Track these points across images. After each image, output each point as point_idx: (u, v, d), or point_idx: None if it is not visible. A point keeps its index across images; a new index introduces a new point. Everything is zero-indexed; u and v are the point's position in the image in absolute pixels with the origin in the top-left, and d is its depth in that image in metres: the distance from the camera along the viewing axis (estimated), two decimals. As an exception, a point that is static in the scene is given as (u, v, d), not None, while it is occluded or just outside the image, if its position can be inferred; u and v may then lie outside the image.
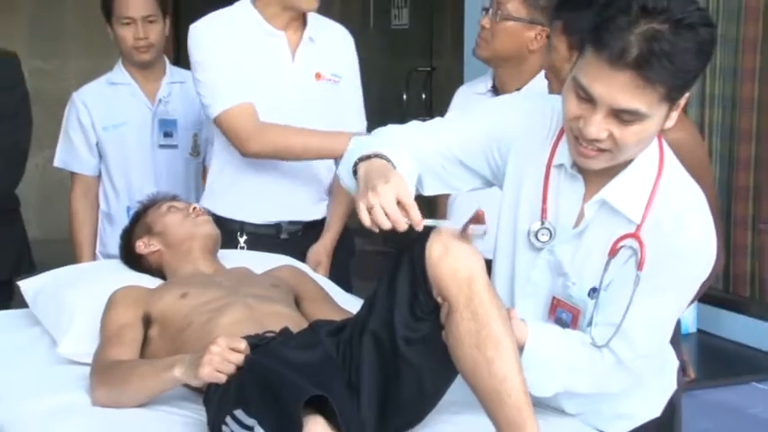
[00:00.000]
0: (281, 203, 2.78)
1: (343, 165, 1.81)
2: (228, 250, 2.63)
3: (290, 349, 1.86)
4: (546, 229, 1.81)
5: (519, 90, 2.64)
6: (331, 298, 2.37)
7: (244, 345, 1.79)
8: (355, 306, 2.02)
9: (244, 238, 2.76)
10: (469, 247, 1.67)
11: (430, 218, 1.67)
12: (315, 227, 2.86)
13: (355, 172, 1.70)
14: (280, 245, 2.75)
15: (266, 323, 2.01)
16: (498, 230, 1.89)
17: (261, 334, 1.95)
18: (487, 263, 1.73)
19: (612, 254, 1.74)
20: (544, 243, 1.81)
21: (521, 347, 1.72)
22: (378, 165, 1.67)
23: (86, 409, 1.95)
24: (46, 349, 2.29)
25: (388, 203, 1.57)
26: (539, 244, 1.82)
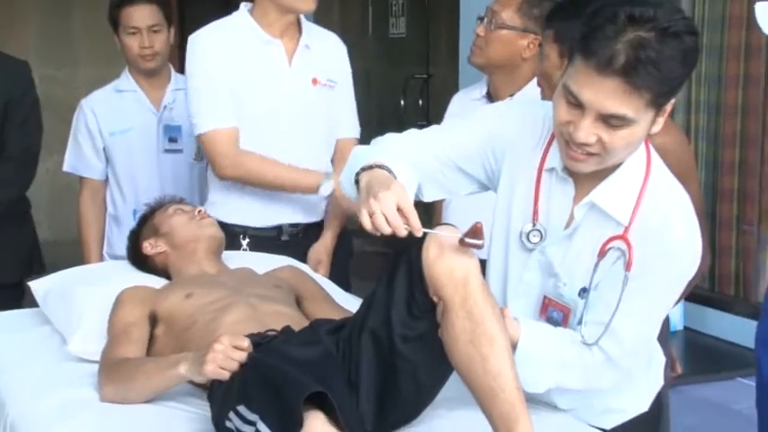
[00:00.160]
0: (281, 206, 2.77)
1: (345, 173, 1.82)
2: (232, 251, 2.63)
3: (292, 347, 1.86)
4: (537, 231, 1.81)
5: (512, 96, 2.64)
6: (331, 297, 2.37)
7: (246, 343, 1.79)
8: (354, 305, 2.02)
9: (246, 241, 2.75)
10: (464, 249, 1.67)
11: (428, 221, 1.67)
12: (315, 228, 2.85)
13: (357, 181, 1.71)
14: (281, 246, 2.75)
15: (268, 322, 2.01)
16: (492, 232, 1.89)
17: (263, 332, 1.95)
18: (481, 263, 1.73)
19: (601, 255, 1.75)
20: (536, 244, 1.81)
21: (514, 345, 1.72)
22: (379, 174, 1.68)
23: (95, 404, 1.95)
24: (56, 347, 2.28)
25: (389, 210, 1.58)
26: (530, 245, 1.82)
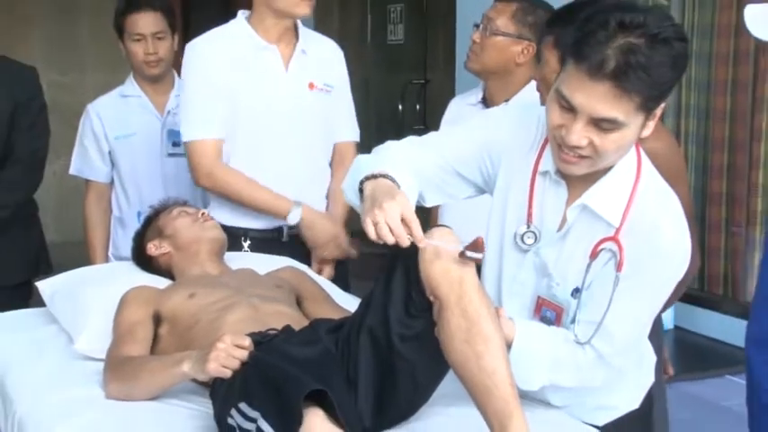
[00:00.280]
0: None
1: (348, 181, 1.81)
2: (234, 252, 2.62)
3: (292, 346, 1.85)
4: (531, 232, 1.81)
5: (507, 101, 2.64)
6: (330, 297, 2.37)
7: (248, 342, 1.79)
8: (353, 305, 2.01)
9: (247, 242, 2.75)
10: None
11: (426, 223, 1.67)
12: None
13: (361, 190, 1.71)
14: (281, 247, 2.74)
15: (269, 322, 2.00)
16: (487, 233, 1.89)
17: (264, 332, 1.95)
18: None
19: (593, 256, 1.75)
20: (530, 245, 1.82)
21: (508, 344, 1.72)
22: (383, 184, 1.68)
23: (100, 401, 1.95)
24: (62, 346, 2.28)
25: (393, 220, 1.58)
26: (525, 246, 1.82)
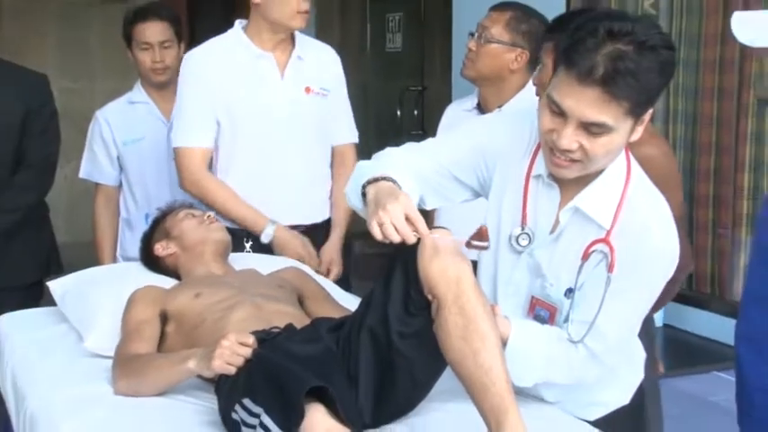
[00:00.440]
0: (282, 210, 2.76)
1: (351, 186, 1.80)
2: (238, 253, 2.62)
3: (294, 344, 1.85)
4: (526, 234, 1.81)
5: (501, 107, 2.64)
6: (332, 297, 2.36)
7: (252, 339, 1.79)
8: (354, 304, 2.01)
9: (249, 243, 2.75)
10: (458, 250, 1.66)
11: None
12: (316, 229, 2.84)
13: (364, 195, 1.70)
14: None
15: (272, 320, 2.00)
16: (484, 235, 1.88)
17: (267, 330, 1.94)
18: (473, 264, 1.72)
19: (585, 257, 1.74)
20: (524, 247, 1.81)
21: (504, 342, 1.71)
22: (385, 186, 1.67)
23: (109, 397, 1.95)
24: (73, 344, 2.27)
25: (397, 219, 1.58)
26: (519, 248, 1.81)
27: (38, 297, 2.95)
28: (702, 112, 3.61)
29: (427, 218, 2.82)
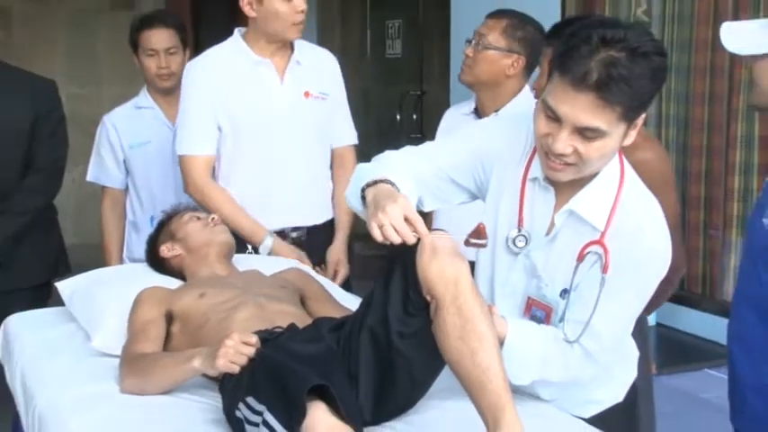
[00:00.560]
0: (284, 212, 2.76)
1: (351, 189, 1.80)
2: (242, 254, 2.62)
3: (296, 343, 1.85)
4: (522, 236, 1.81)
5: (497, 111, 2.64)
6: (333, 297, 2.36)
7: (255, 339, 1.78)
8: (355, 304, 2.01)
9: (251, 245, 2.74)
10: (456, 251, 1.66)
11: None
12: (317, 230, 2.84)
13: (363, 197, 1.70)
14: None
15: (275, 320, 2.00)
16: (481, 237, 1.88)
17: (270, 329, 1.94)
18: (470, 265, 1.72)
19: (580, 259, 1.74)
20: (521, 248, 1.81)
21: (501, 341, 1.71)
22: (384, 188, 1.67)
23: (116, 396, 1.94)
24: (80, 343, 2.27)
25: (396, 221, 1.58)
26: (516, 249, 1.81)
27: (46, 297, 2.95)
28: (694, 116, 3.60)
29: (426, 220, 2.82)
